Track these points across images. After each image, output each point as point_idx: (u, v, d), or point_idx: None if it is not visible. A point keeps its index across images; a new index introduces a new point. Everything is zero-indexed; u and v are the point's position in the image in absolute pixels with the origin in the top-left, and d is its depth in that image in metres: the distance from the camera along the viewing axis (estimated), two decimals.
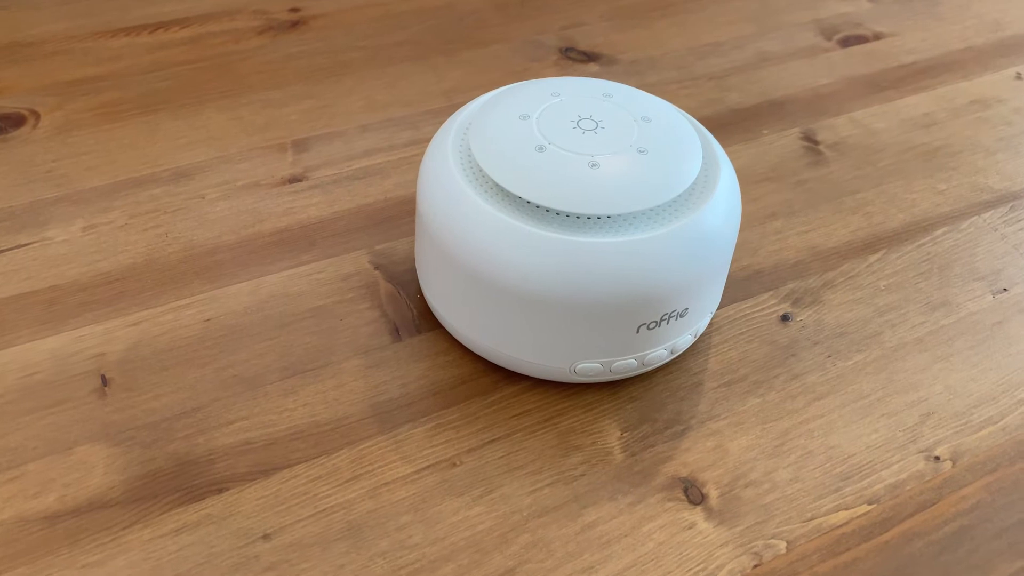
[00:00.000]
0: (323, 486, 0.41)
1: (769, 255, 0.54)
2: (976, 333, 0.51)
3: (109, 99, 0.61)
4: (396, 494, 0.41)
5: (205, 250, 0.51)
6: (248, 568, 0.38)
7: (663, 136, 0.44)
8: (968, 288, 0.53)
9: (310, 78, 0.64)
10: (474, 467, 0.42)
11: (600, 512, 0.41)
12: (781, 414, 0.46)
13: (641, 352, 0.44)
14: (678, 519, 0.41)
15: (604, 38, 0.71)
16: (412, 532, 0.39)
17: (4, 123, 0.58)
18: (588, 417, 0.45)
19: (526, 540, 0.40)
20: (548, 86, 0.47)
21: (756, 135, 0.63)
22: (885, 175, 0.61)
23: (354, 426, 0.43)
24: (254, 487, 0.40)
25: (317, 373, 0.45)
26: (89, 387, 0.44)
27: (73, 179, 0.55)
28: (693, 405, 0.46)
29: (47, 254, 0.50)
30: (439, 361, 0.46)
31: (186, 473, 0.41)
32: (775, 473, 0.43)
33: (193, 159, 0.57)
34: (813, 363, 0.48)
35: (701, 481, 0.42)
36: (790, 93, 0.67)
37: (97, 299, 0.48)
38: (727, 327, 0.50)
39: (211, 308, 0.48)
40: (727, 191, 0.44)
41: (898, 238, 0.56)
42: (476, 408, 0.44)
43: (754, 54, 0.71)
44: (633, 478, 0.42)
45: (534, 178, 0.42)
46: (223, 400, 0.44)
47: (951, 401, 0.47)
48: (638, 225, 0.41)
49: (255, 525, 0.39)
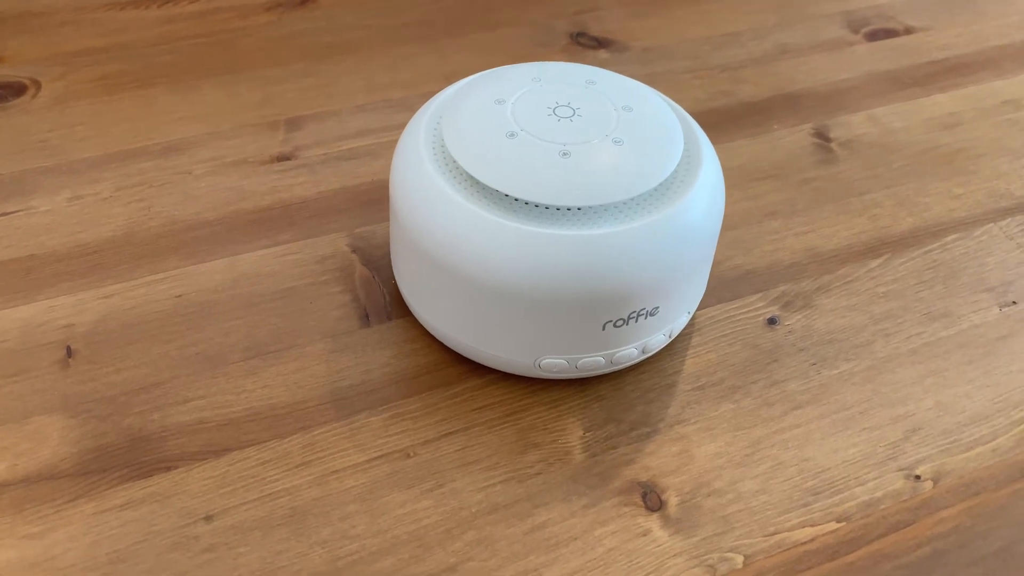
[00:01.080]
0: (272, 470, 0.40)
1: (763, 255, 0.52)
2: (977, 347, 0.48)
3: (111, 71, 0.61)
4: (345, 482, 0.40)
5: (185, 226, 0.51)
6: (186, 548, 0.37)
7: (643, 127, 0.42)
8: (974, 299, 0.50)
9: (312, 56, 0.63)
10: (428, 459, 0.41)
11: (552, 513, 0.40)
12: (755, 422, 0.44)
13: (609, 350, 0.42)
14: (632, 525, 0.39)
15: (618, 24, 0.69)
16: (356, 522, 0.39)
17: (5, 92, 0.59)
18: (551, 414, 0.43)
19: (471, 537, 0.39)
20: (530, 71, 0.45)
21: (765, 130, 0.61)
22: (898, 177, 0.58)
23: (311, 411, 0.42)
24: (203, 467, 0.40)
25: (280, 355, 0.45)
26: (53, 358, 0.44)
27: (65, 150, 0.55)
28: (663, 407, 0.44)
29: (30, 223, 0.50)
30: (406, 349, 0.45)
31: (137, 449, 0.40)
32: (741, 483, 0.41)
33: (185, 134, 0.56)
34: (796, 370, 0.46)
35: (662, 487, 0.41)
36: (807, 87, 0.64)
37: (73, 270, 0.48)
38: (709, 328, 0.48)
39: (184, 284, 0.48)
40: (708, 187, 0.42)
41: (904, 243, 0.53)
42: (437, 399, 0.43)
43: (773, 46, 0.68)
44: (590, 480, 0.41)
45: (501, 165, 0.40)
46: (183, 377, 0.43)
47: (940, 418, 0.44)
48: (607, 218, 0.40)
49: (199, 505, 0.39)
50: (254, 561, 0.37)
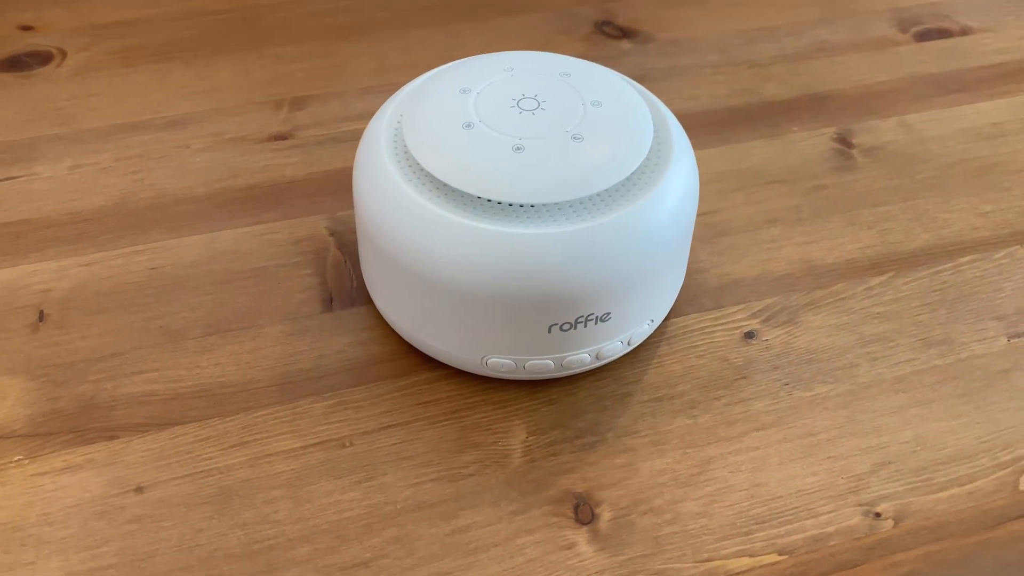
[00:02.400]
0: (208, 448, 0.40)
1: (755, 264, 0.49)
2: (973, 379, 0.44)
3: (132, 44, 0.62)
4: (276, 467, 0.40)
5: (174, 199, 0.52)
6: (111, 517, 0.38)
7: (608, 124, 0.41)
8: (980, 327, 0.46)
9: (328, 36, 0.63)
10: (363, 450, 0.41)
11: (477, 516, 0.39)
12: (710, 440, 0.41)
13: (558, 354, 0.41)
14: (558, 537, 0.38)
15: (649, 13, 0.67)
16: (279, 507, 0.39)
17: (32, 60, 0.61)
18: (498, 415, 0.42)
19: (392, 534, 0.38)
20: (503, 60, 0.44)
21: (783, 131, 0.57)
22: (921, 189, 0.54)
23: (257, 392, 0.43)
24: (143, 439, 0.41)
25: (239, 334, 0.45)
26: (26, 321, 0.45)
27: (76, 119, 0.57)
28: (614, 417, 0.42)
29: (30, 188, 0.52)
30: (362, 337, 0.45)
31: (85, 416, 0.41)
32: (682, 504, 0.39)
33: (191, 108, 0.57)
34: (764, 389, 0.43)
35: (597, 500, 0.39)
36: (838, 88, 0.61)
37: (60, 236, 0.49)
38: (680, 338, 0.46)
39: (161, 257, 0.48)
40: (673, 191, 0.40)
41: (913, 261, 0.50)
42: (385, 390, 0.43)
43: (810, 42, 0.64)
44: (524, 486, 0.40)
45: (451, 156, 0.39)
46: (142, 349, 0.44)
47: (916, 453, 0.41)
48: (556, 218, 0.38)
49: (133, 476, 0.39)
50: (174, 536, 0.37)
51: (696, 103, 0.59)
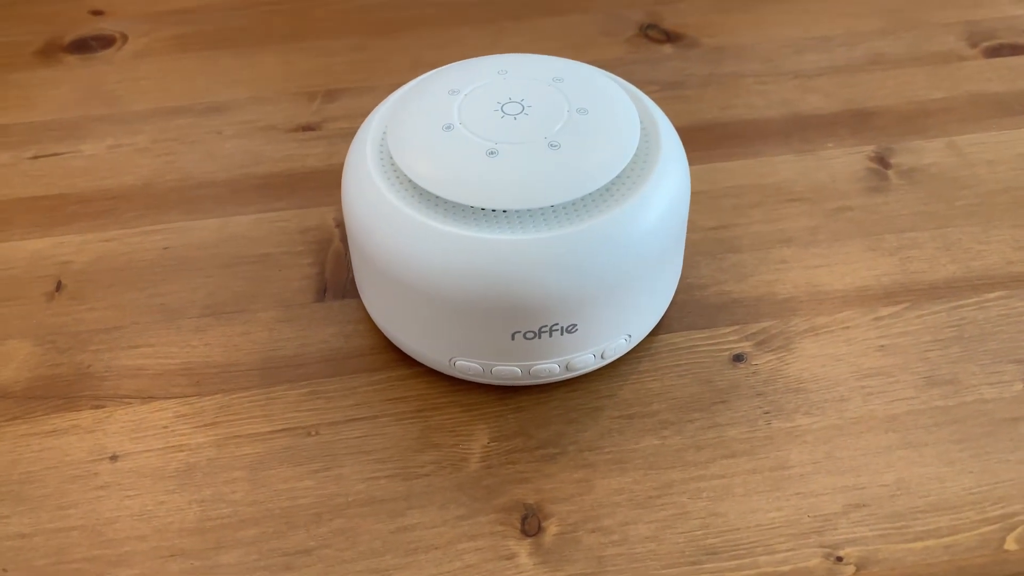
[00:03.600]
0: (183, 424, 0.42)
1: (758, 285, 0.47)
2: (976, 425, 0.41)
3: (188, 31, 0.65)
4: (242, 448, 0.41)
5: (197, 183, 0.54)
6: (84, 482, 0.40)
7: (589, 133, 0.40)
8: (994, 369, 0.43)
9: (370, 30, 0.64)
10: (327, 441, 0.41)
11: (424, 517, 0.39)
12: (675, 463, 0.40)
13: (525, 362, 0.40)
14: (500, 546, 0.38)
15: (699, 17, 0.65)
16: (237, 488, 0.40)
17: (96, 43, 0.64)
18: (464, 418, 0.42)
19: (338, 525, 0.39)
20: (499, 62, 0.44)
21: (817, 147, 0.55)
22: (957, 216, 0.50)
23: (238, 375, 0.44)
24: (127, 410, 0.43)
25: (232, 317, 0.47)
26: (44, 289, 0.48)
27: (124, 101, 0.60)
28: (580, 430, 0.41)
29: (72, 165, 0.55)
30: (347, 330, 0.46)
31: (80, 383, 0.44)
32: (633, 526, 0.38)
33: (230, 96, 0.60)
34: (743, 416, 0.42)
35: (546, 513, 0.39)
36: (885, 104, 0.57)
37: (90, 212, 0.52)
38: (665, 355, 0.44)
39: (175, 238, 0.51)
40: (650, 206, 0.39)
41: (933, 293, 0.46)
42: (358, 383, 0.43)
43: (865, 54, 0.61)
44: (476, 491, 0.39)
45: (424, 156, 0.39)
46: (141, 324, 0.46)
47: (896, 498, 0.39)
48: (523, 225, 0.38)
49: (110, 444, 0.41)
50: (136, 505, 0.39)
51: (729, 113, 0.57)
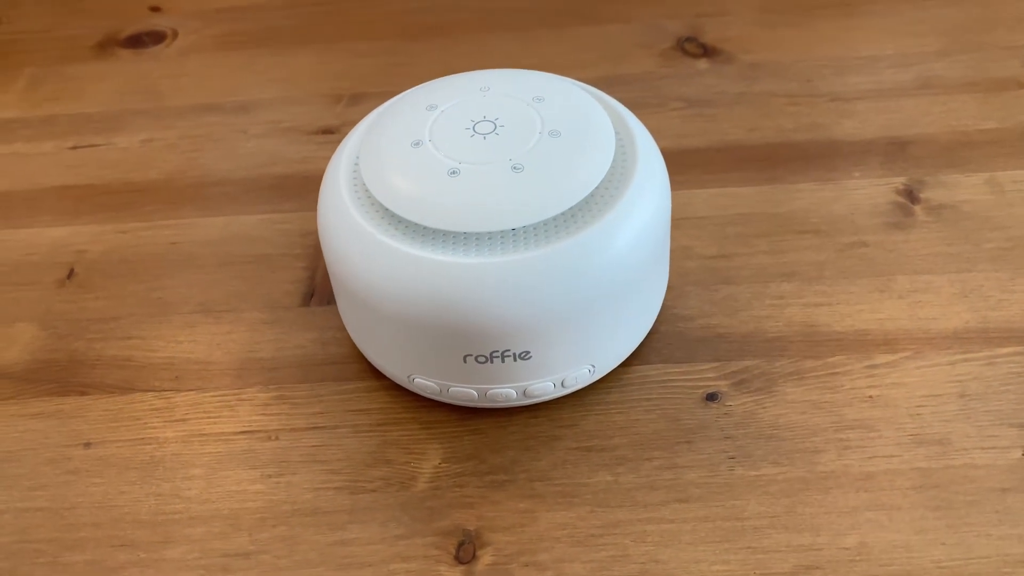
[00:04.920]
0: (155, 418, 0.44)
1: (748, 320, 0.45)
2: (959, 492, 0.38)
3: (235, 29, 0.67)
4: (205, 447, 0.42)
5: (214, 180, 0.55)
6: (56, 465, 0.42)
7: (556, 157, 0.39)
8: (992, 433, 0.40)
9: (405, 34, 0.65)
10: (285, 447, 0.42)
11: (364, 533, 0.39)
12: (624, 502, 0.39)
13: (480, 385, 0.40)
14: (432, 570, 0.37)
15: (741, 32, 0.62)
16: (193, 486, 0.41)
17: (148, 39, 0.67)
18: (420, 436, 0.42)
19: (280, 532, 0.39)
20: (484, 78, 0.43)
21: (842, 176, 0.51)
22: (983, 260, 0.46)
23: (214, 373, 0.45)
24: (108, 400, 0.44)
25: (220, 316, 0.48)
26: (57, 276, 0.51)
27: (163, 96, 0.62)
28: (535, 459, 0.41)
29: (105, 157, 0.58)
30: (325, 336, 0.46)
31: (71, 370, 0.46)
32: (568, 564, 0.37)
33: (261, 95, 0.61)
34: (706, 459, 0.40)
35: (484, 541, 0.38)
36: (927, 132, 0.53)
37: (112, 204, 0.55)
38: (637, 387, 0.43)
39: (183, 233, 0.52)
40: (611, 235, 0.38)
41: (938, 344, 0.43)
42: (325, 392, 0.44)
43: (915, 77, 0.57)
44: (419, 512, 0.39)
45: (386, 172, 0.39)
46: (136, 316, 0.48)
47: (854, 563, 0.36)
48: (478, 248, 0.37)
49: (87, 432, 0.43)
50: (98, 493, 0.41)
51: (754, 135, 0.55)
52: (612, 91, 0.51)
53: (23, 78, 0.64)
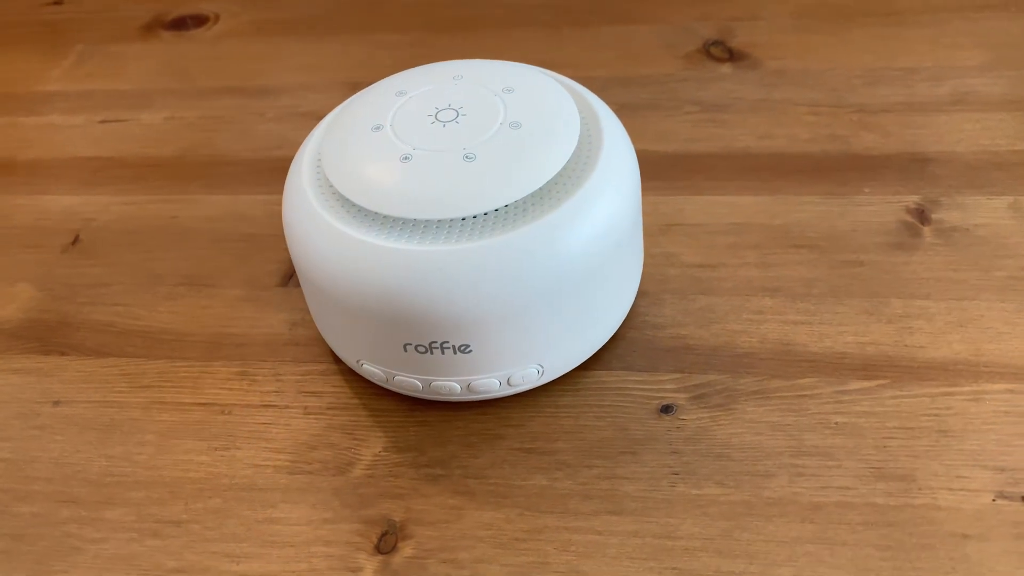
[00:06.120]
0: (123, 383, 0.45)
1: (720, 333, 0.43)
2: (915, 535, 0.35)
3: (272, 16, 0.69)
4: (161, 415, 0.43)
5: (223, 160, 0.57)
6: (25, 421, 0.43)
7: (513, 147, 0.38)
8: (964, 474, 0.36)
9: (434, 27, 0.65)
10: (236, 422, 0.42)
11: (292, 513, 0.39)
12: (554, 508, 0.37)
13: (424, 375, 0.39)
14: (351, 557, 0.37)
15: (771, 38, 0.59)
16: (144, 451, 0.42)
17: (191, 21, 0.69)
18: (367, 422, 0.41)
19: (214, 505, 0.39)
20: (460, 67, 0.42)
21: (851, 191, 0.48)
22: (988, 289, 0.43)
23: (186, 344, 0.46)
24: (84, 362, 0.46)
25: (202, 290, 0.49)
26: (63, 241, 0.53)
27: (192, 77, 0.64)
28: (474, 456, 0.40)
29: (130, 131, 0.60)
30: (294, 318, 0.46)
31: (57, 331, 0.48)
32: (486, 565, 0.36)
33: (282, 80, 0.62)
34: (648, 472, 0.38)
35: (407, 533, 0.37)
36: (952, 151, 0.50)
37: (126, 176, 0.57)
38: (591, 393, 0.41)
39: (185, 209, 0.54)
40: (564, 234, 0.36)
41: (922, 374, 0.40)
42: (285, 371, 0.44)
43: (950, 91, 0.53)
44: (349, 498, 0.39)
45: (343, 158, 0.39)
46: (126, 285, 0.49)
47: None
48: (422, 235, 0.36)
49: (58, 391, 0.45)
50: (56, 450, 0.42)
51: (765, 143, 0.52)
52: (626, 92, 0.50)
53: (72, 55, 0.68)
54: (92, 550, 0.38)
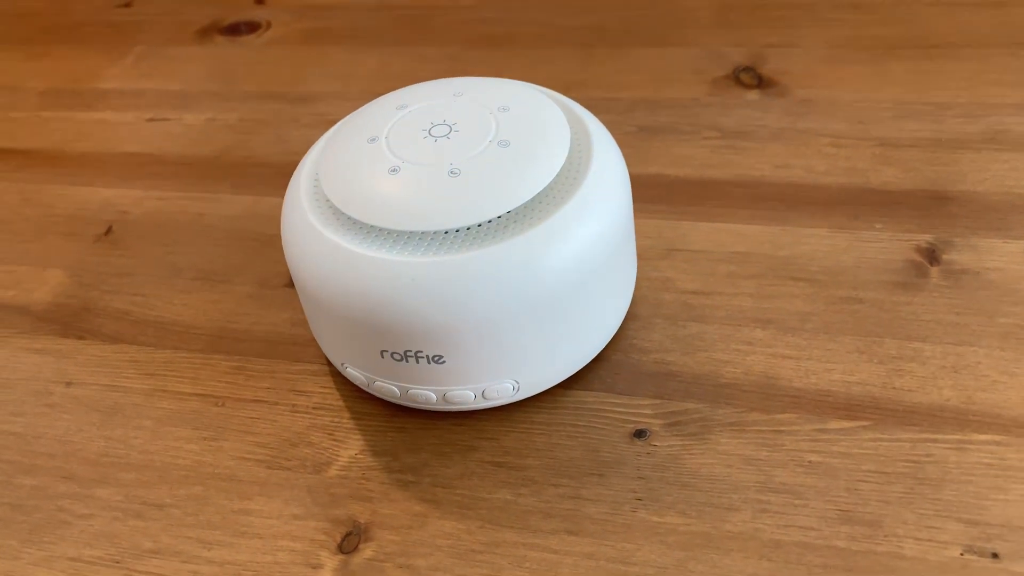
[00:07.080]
0: (130, 369, 0.47)
1: (705, 362, 0.42)
2: None
3: (321, 26, 0.71)
4: (161, 402, 0.45)
5: (253, 162, 0.59)
6: (38, 398, 0.46)
7: (497, 165, 0.38)
8: (933, 524, 0.35)
9: (471, 43, 0.66)
10: (226, 414, 0.44)
11: (265, 507, 0.40)
12: (515, 523, 0.38)
13: (401, 383, 0.40)
14: (312, 554, 0.38)
15: (804, 67, 0.58)
16: (139, 435, 0.44)
17: (245, 28, 0.72)
18: (348, 425, 0.43)
19: (195, 492, 0.41)
20: (464, 84, 0.43)
21: (863, 226, 0.47)
22: (991, 336, 0.41)
23: (192, 337, 0.48)
24: (98, 347, 0.48)
25: (215, 286, 0.51)
26: (97, 232, 0.56)
27: (238, 80, 0.67)
28: (445, 465, 0.40)
29: (171, 131, 0.63)
30: (296, 317, 0.48)
31: (80, 316, 0.50)
32: (442, 573, 0.36)
33: (321, 88, 0.64)
34: (612, 496, 0.38)
35: (369, 536, 0.38)
36: (975, 191, 0.48)
37: (161, 172, 0.59)
38: (568, 411, 0.41)
39: (212, 207, 0.56)
40: (537, 253, 0.37)
41: (906, 418, 0.39)
42: (279, 369, 0.46)
43: (985, 129, 0.52)
44: (321, 496, 0.40)
45: (336, 167, 0.40)
46: (146, 276, 0.52)
47: None
48: (402, 246, 0.37)
49: (71, 372, 0.47)
50: (61, 428, 0.45)
51: (781, 172, 0.51)
52: (649, 115, 0.50)
53: (132, 55, 0.71)
54: (80, 525, 0.41)
